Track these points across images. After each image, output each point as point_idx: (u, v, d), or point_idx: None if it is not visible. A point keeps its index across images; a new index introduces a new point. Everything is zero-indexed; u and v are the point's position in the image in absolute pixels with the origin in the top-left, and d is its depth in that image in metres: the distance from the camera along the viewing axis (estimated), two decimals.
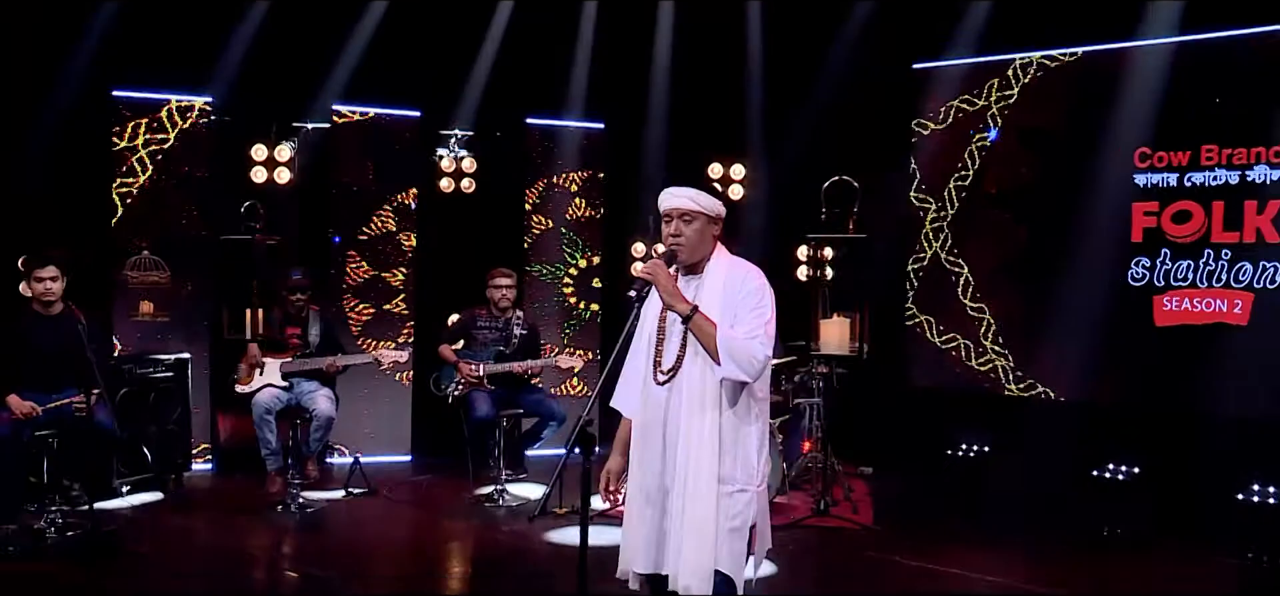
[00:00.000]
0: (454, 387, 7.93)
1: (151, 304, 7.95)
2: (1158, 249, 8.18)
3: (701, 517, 3.84)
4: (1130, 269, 8.29)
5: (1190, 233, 8.06)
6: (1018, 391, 8.89)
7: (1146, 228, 8.25)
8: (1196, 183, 8.03)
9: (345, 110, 9.11)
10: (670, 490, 3.92)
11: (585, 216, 9.92)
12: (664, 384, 3.97)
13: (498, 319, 8.07)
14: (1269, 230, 7.70)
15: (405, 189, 9.32)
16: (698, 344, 3.89)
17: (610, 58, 9.76)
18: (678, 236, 3.97)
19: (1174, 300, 8.10)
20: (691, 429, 3.88)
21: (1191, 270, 8.03)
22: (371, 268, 9.22)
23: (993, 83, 9.01)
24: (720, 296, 3.94)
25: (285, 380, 7.70)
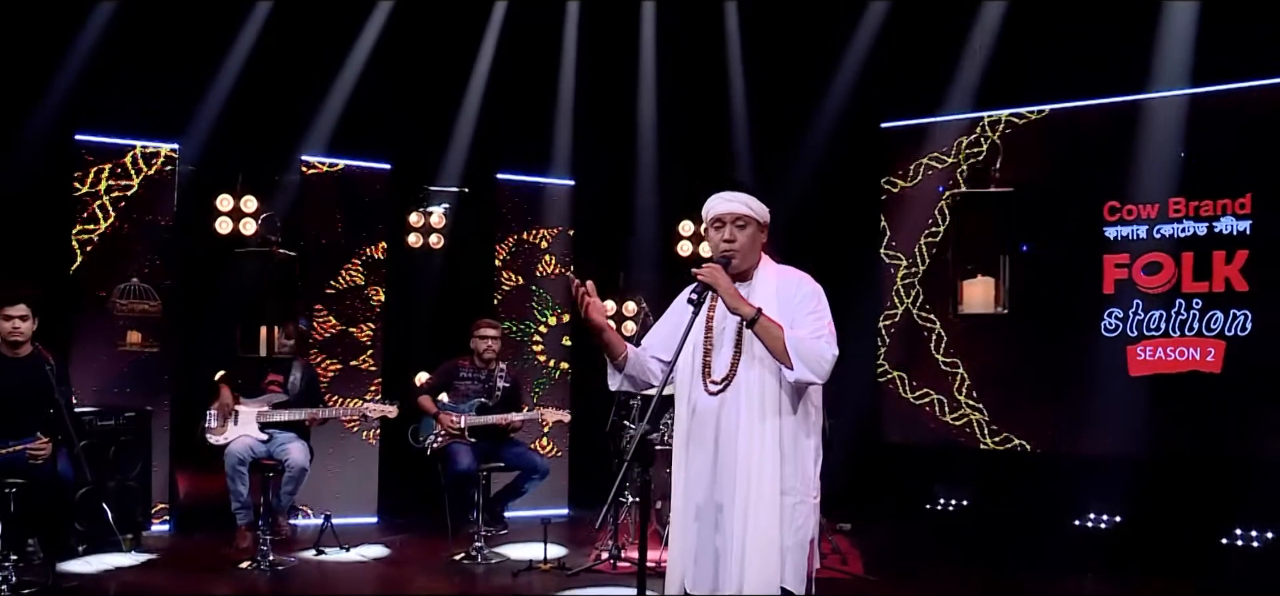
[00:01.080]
0: (433, 439, 7.69)
1: (140, 334, 7.59)
2: (1130, 300, 8.35)
3: (764, 531, 3.69)
4: (1103, 320, 8.44)
5: (1161, 283, 8.24)
6: (993, 445, 8.92)
7: (1118, 279, 8.42)
8: (1166, 234, 8.24)
9: (315, 161, 8.91)
10: (724, 504, 3.78)
11: (555, 273, 9.80)
12: (716, 393, 3.85)
13: (480, 370, 7.88)
14: (1237, 280, 7.90)
15: (374, 243, 9.12)
16: (757, 349, 3.79)
17: (582, 115, 9.73)
18: (732, 241, 3.89)
19: (1148, 349, 8.25)
20: (752, 438, 3.75)
21: (1164, 320, 8.19)
22: (339, 322, 8.97)
23: (962, 141, 9.18)
24: (774, 302, 3.85)
25: (263, 430, 7.40)
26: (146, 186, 8.32)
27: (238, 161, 8.65)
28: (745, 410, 3.77)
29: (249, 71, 8.58)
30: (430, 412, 7.74)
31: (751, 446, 3.74)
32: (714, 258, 3.94)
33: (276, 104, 8.72)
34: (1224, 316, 7.94)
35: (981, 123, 9.10)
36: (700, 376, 3.90)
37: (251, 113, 8.63)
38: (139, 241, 8.25)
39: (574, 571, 7.21)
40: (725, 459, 3.78)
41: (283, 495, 7.38)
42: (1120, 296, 8.39)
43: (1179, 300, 8.13)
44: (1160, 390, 8.15)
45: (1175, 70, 8.08)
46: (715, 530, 3.79)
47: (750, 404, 3.77)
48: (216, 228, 8.55)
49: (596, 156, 9.87)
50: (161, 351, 8.14)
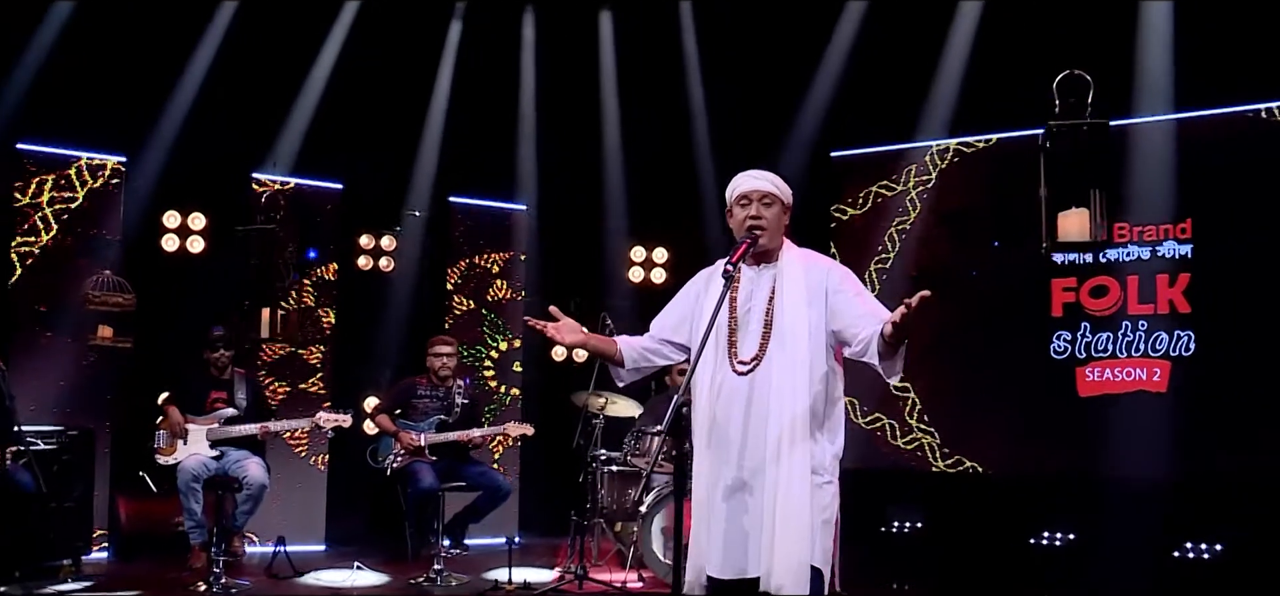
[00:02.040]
0: (392, 459, 7.51)
1: (111, 329, 7.26)
2: (1078, 323, 8.55)
3: (796, 511, 3.66)
4: (1052, 343, 8.62)
5: (1108, 306, 8.46)
6: (945, 468, 9.04)
7: (1066, 302, 8.63)
8: (1111, 259, 8.47)
9: (265, 179, 8.72)
10: (754, 485, 3.74)
11: (507, 298, 9.71)
12: (745, 373, 3.83)
13: (438, 388, 7.73)
14: (1181, 302, 8.16)
15: (325, 263, 8.93)
16: (786, 330, 3.78)
17: (536, 140, 9.71)
18: (759, 219, 3.88)
19: (1096, 371, 8.45)
20: (782, 418, 3.72)
21: (1111, 342, 8.41)
22: (287, 344, 8.74)
23: (911, 168, 9.37)
24: (803, 284, 3.85)
25: (214, 448, 7.14)
26: (92, 199, 8.05)
27: (186, 177, 8.42)
28: (776, 390, 3.74)
29: (202, 87, 8.39)
30: (389, 431, 7.56)
31: (782, 426, 3.72)
32: (740, 234, 3.93)
33: (229, 120, 8.52)
34: (1168, 337, 8.18)
35: (930, 152, 9.30)
36: (726, 356, 3.87)
37: (203, 128, 8.42)
38: (83, 256, 7.96)
39: (540, 591, 7.08)
40: (754, 439, 3.74)
41: (239, 515, 7.13)
42: (1068, 319, 8.59)
43: (1125, 322, 8.36)
44: (1108, 410, 8.34)
45: (1117, 103, 8.35)
46: (744, 511, 3.75)
47: (781, 384, 3.74)
48: (163, 244, 8.30)
49: (549, 181, 9.85)
50: (134, 348, 7.80)
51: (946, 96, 9.00)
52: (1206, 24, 7.79)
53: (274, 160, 7.67)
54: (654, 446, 7.68)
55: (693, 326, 4.05)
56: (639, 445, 7.83)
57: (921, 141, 9.31)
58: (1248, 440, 7.69)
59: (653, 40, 9.53)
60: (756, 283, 3.91)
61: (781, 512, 3.67)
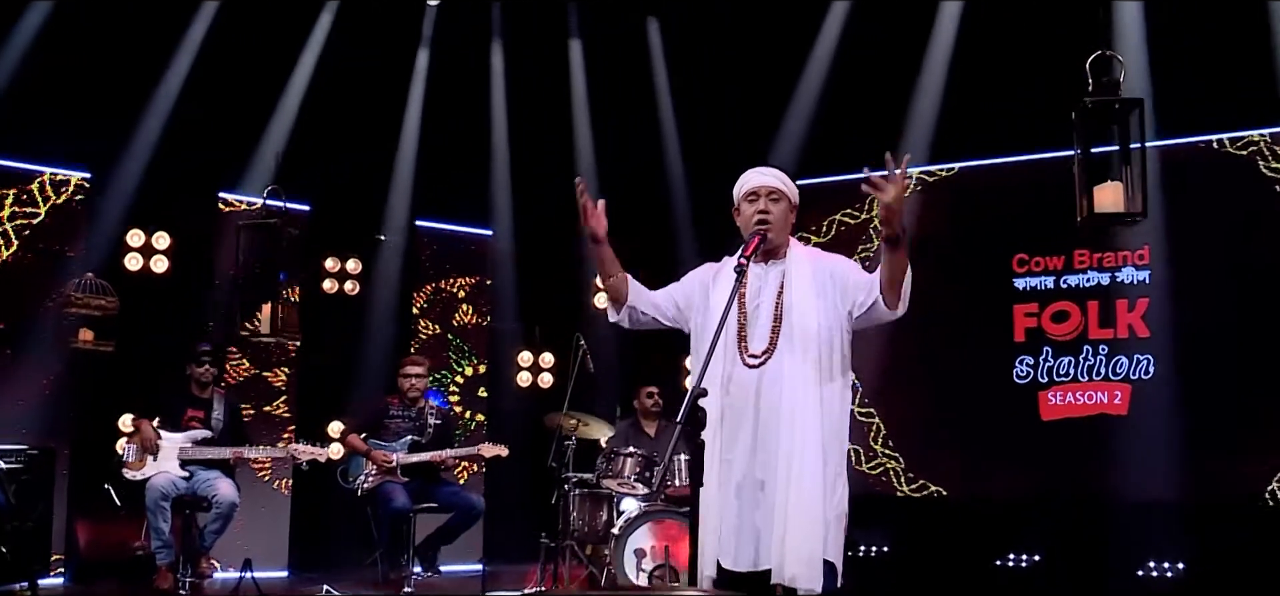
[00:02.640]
0: (364, 478, 7.41)
1: (92, 332, 7.07)
2: (1040, 347, 8.71)
3: (809, 504, 3.68)
4: (1015, 367, 8.77)
5: (1069, 331, 8.64)
6: (910, 492, 9.12)
7: (1028, 327, 8.79)
8: (1072, 284, 8.66)
9: (232, 199, 8.62)
10: (767, 479, 3.75)
11: (472, 323, 9.66)
12: (756, 367, 3.85)
13: (409, 408, 7.65)
14: (1140, 326, 8.37)
15: (291, 286, 8.81)
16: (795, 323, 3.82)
17: (507, 166, 9.71)
18: (766, 214, 3.93)
19: (1058, 395, 8.60)
20: (794, 411, 3.75)
21: (1072, 366, 8.58)
22: (252, 366, 8.61)
23: (872, 198, 9.49)
24: (810, 280, 3.90)
25: (184, 468, 7.00)
26: (54, 215, 7.89)
27: (151, 195, 8.29)
28: (787, 383, 3.77)
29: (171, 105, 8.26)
30: (360, 451, 7.47)
31: (794, 419, 3.74)
32: (748, 230, 3.98)
33: (197, 139, 8.40)
34: (1129, 361, 8.37)
35: None
36: (736, 349, 3.90)
37: (171, 147, 8.29)
38: (43, 273, 7.79)
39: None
40: (767, 432, 3.77)
41: (207, 533, 6.98)
42: (1030, 344, 8.75)
43: (1086, 346, 8.54)
44: (1071, 433, 8.49)
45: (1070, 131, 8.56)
46: (755, 506, 3.76)
47: (793, 377, 3.78)
48: (126, 263, 8.15)
49: (517, 207, 9.84)
50: (117, 351, 7.63)
51: (913, 125, 9.13)
52: (1165, 63, 8.02)
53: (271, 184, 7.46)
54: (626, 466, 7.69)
55: (695, 312, 4.09)
56: (611, 466, 7.81)
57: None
58: (1206, 460, 7.87)
59: (622, 68, 9.58)
60: (764, 278, 3.96)
61: (794, 506, 3.69)
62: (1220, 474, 7.83)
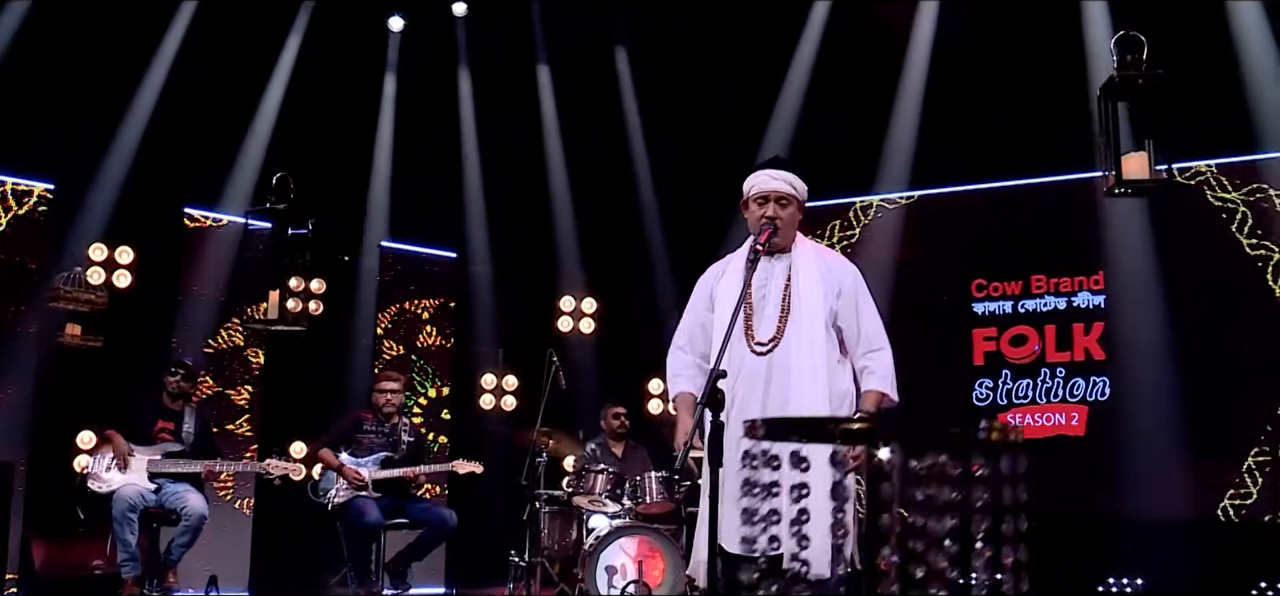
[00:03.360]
0: (335, 493, 7.33)
1: (79, 327, 6.89)
2: (999, 371, 8.92)
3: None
4: (974, 390, 8.97)
5: (1027, 354, 8.86)
6: None
7: (987, 351, 9.00)
8: (1029, 309, 8.89)
9: (198, 215, 8.53)
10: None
11: (436, 345, 9.63)
12: (763, 354, 3.94)
13: (383, 423, 7.60)
14: (1095, 349, 8.61)
15: (256, 303, 8.73)
16: (804, 313, 3.93)
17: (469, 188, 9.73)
18: (774, 220, 4.04)
19: (1017, 417, 8.80)
20: (803, 396, 3.85)
21: (1031, 388, 8.79)
22: (216, 383, 8.50)
23: (835, 223, 9.69)
24: (817, 276, 4.02)
25: (152, 481, 6.87)
26: (16, 226, 7.75)
27: (116, 208, 8.17)
28: (795, 370, 3.88)
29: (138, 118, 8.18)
30: (332, 466, 7.39)
31: (802, 404, 3.84)
32: (755, 229, 4.07)
33: (161, 150, 8.31)
34: (1085, 383, 8.60)
35: (853, 207, 9.65)
36: (742, 338, 3.98)
37: (137, 160, 8.19)
38: (4, 285, 7.63)
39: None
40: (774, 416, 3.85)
41: (175, 547, 6.85)
42: (989, 367, 8.95)
43: (1044, 369, 8.76)
44: (1030, 454, 8.66)
45: (1033, 160, 8.84)
46: None
47: (800, 364, 3.88)
48: (89, 277, 8.00)
49: (481, 230, 9.85)
50: (105, 347, 7.47)
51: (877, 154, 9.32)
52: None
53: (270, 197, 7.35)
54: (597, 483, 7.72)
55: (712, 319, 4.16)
56: (582, 484, 7.83)
57: (846, 197, 9.65)
58: (1162, 478, 8.09)
59: (592, 93, 9.69)
60: (771, 271, 4.05)
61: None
62: (1176, 491, 8.06)
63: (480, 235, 9.80)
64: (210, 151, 8.57)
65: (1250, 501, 7.93)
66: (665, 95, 9.62)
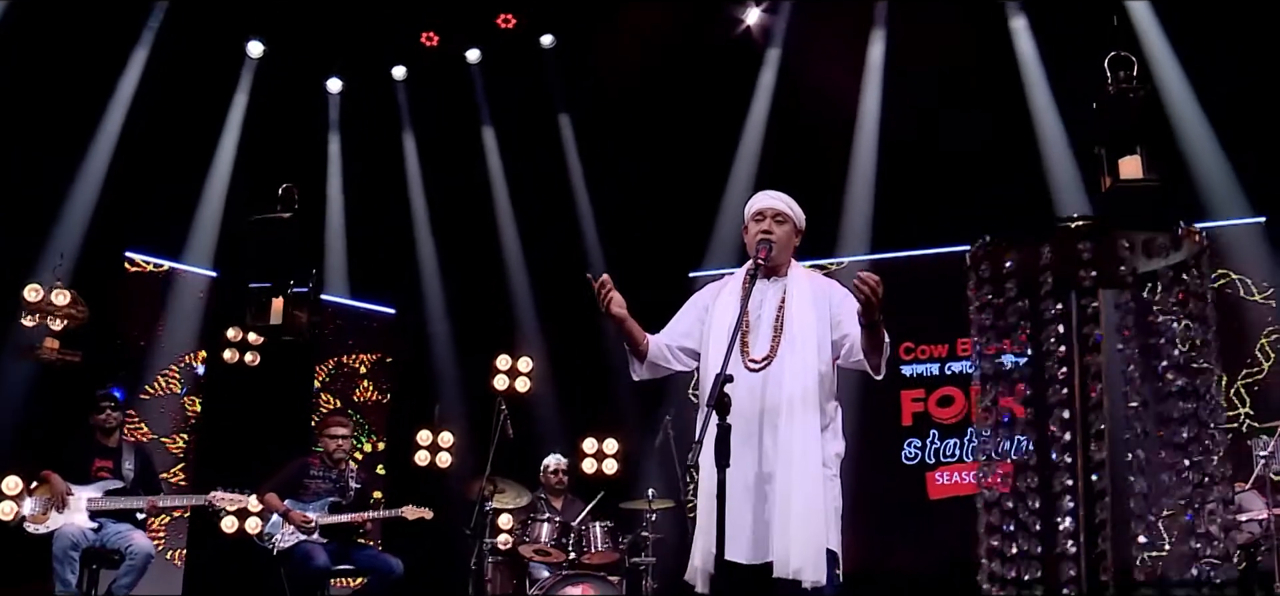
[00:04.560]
0: (280, 538, 7.23)
1: (58, 342, 6.65)
2: (927, 430, 9.25)
3: (810, 500, 3.91)
4: (903, 449, 9.27)
5: (954, 415, 9.21)
6: None
7: (915, 412, 9.33)
8: (956, 371, 9.27)
9: (139, 260, 8.43)
10: (769, 475, 3.98)
11: (372, 400, 9.59)
12: (757, 371, 4.10)
13: (331, 469, 7.54)
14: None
15: (194, 351, 8.63)
16: (796, 333, 4.10)
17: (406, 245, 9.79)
18: (770, 233, 4.21)
19: (945, 475, 9.12)
20: (795, 414, 3.99)
21: (958, 447, 9.13)
22: (151, 430, 8.32)
23: None
24: (809, 298, 4.17)
25: (93, 520, 6.70)
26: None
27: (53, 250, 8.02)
28: (788, 388, 4.01)
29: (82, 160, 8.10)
30: (278, 510, 7.29)
31: (794, 418, 3.98)
32: (753, 247, 4.25)
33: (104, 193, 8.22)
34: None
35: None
36: (738, 355, 4.13)
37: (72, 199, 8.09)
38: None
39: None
40: (769, 433, 3.99)
41: (118, 588, 6.65)
42: (917, 427, 9.28)
43: (970, 429, 9.11)
44: (957, 510, 8.98)
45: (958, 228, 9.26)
46: (763, 500, 3.96)
47: (793, 383, 4.01)
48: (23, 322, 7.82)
49: (417, 287, 9.90)
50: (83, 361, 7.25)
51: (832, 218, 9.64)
52: None
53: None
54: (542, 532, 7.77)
55: (702, 334, 4.31)
56: (527, 532, 7.88)
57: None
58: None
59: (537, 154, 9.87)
60: (766, 292, 4.21)
61: (798, 502, 3.90)
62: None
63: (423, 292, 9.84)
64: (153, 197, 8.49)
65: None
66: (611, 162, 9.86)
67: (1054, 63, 8.74)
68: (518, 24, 9.70)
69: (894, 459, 9.26)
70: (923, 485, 9.14)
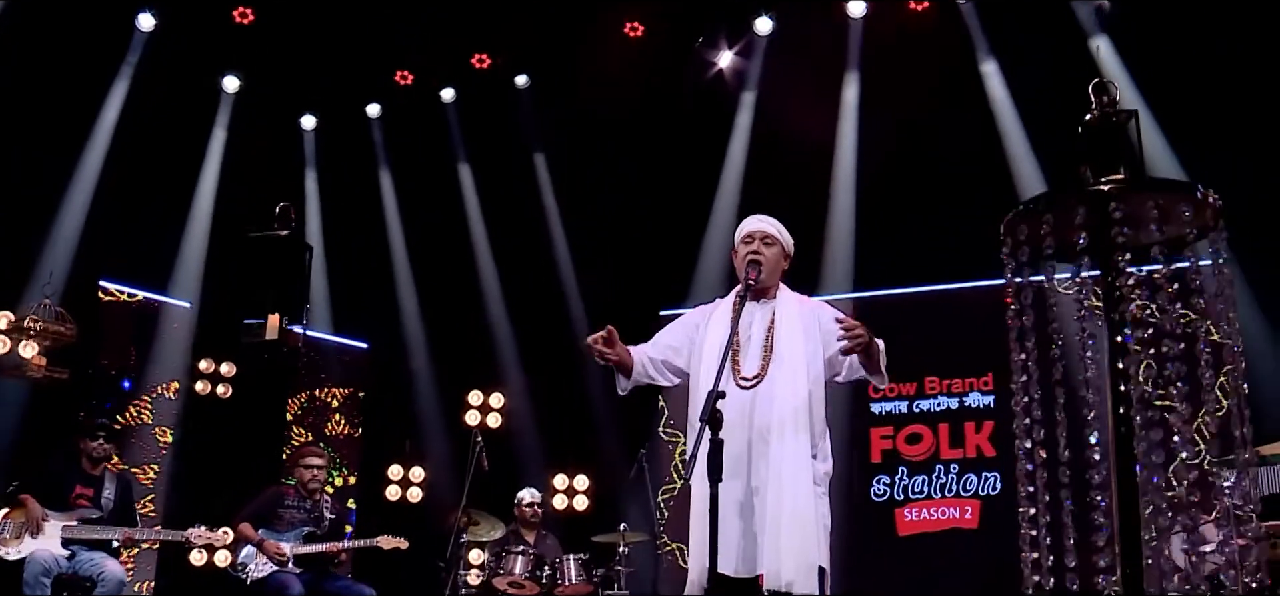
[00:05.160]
0: (254, 567, 7.20)
1: (45, 359, 6.57)
2: (895, 467, 9.37)
3: (803, 515, 4.01)
4: (872, 486, 9.38)
5: (922, 452, 9.34)
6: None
7: (884, 449, 9.44)
8: (924, 408, 9.41)
9: (113, 289, 8.40)
10: (760, 487, 4.07)
11: (344, 434, 9.58)
12: (748, 389, 4.20)
13: (306, 499, 7.53)
14: (986, 446, 9.15)
15: (167, 382, 8.59)
16: (784, 352, 4.21)
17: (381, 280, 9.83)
18: (758, 254, 4.34)
19: (913, 511, 9.23)
20: (788, 434, 4.09)
21: (926, 483, 9.25)
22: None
23: None
24: (798, 321, 4.29)
25: (66, 548, 6.63)
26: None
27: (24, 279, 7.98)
28: (778, 406, 4.12)
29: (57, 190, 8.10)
30: (252, 540, 7.26)
31: (784, 435, 4.08)
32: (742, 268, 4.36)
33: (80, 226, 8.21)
34: (977, 478, 9.11)
35: None
36: (728, 373, 4.23)
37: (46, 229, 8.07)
38: None
39: None
40: (760, 449, 4.09)
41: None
42: (886, 464, 9.39)
43: (938, 466, 9.24)
44: (926, 546, 9.10)
45: (925, 269, 9.45)
46: (753, 514, 4.05)
47: (783, 401, 4.12)
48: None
49: (392, 321, 9.92)
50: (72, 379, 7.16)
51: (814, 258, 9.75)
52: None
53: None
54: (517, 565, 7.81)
55: (690, 353, 4.41)
56: (502, 565, 7.90)
57: None
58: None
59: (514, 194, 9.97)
60: (755, 314, 4.33)
61: (789, 517, 4.00)
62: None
63: (401, 327, 9.87)
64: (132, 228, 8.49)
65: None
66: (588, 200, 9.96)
67: (1024, 103, 8.95)
68: (493, 64, 9.84)
69: (863, 495, 9.35)
70: (892, 522, 9.24)
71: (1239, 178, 7.71)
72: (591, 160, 9.83)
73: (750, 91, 9.72)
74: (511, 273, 10.10)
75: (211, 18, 8.94)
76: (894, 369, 9.26)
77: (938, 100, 8.94)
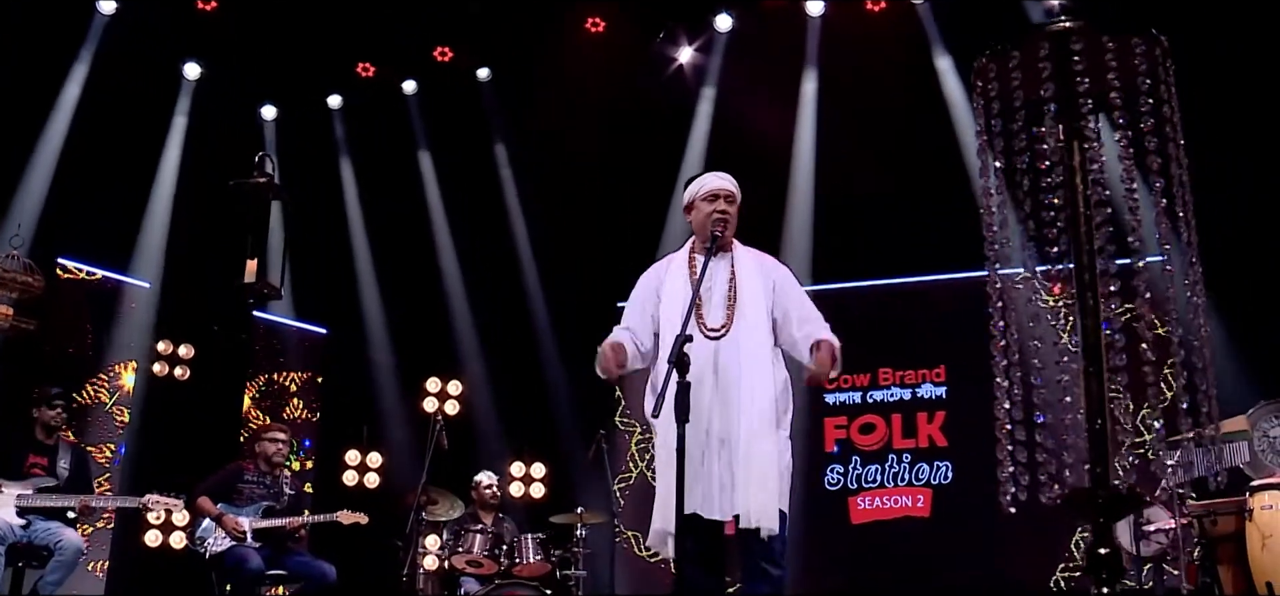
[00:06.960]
0: (212, 542, 7.18)
1: (12, 309, 6.47)
2: (849, 457, 9.53)
3: (767, 461, 4.15)
4: (826, 475, 9.53)
5: (875, 442, 9.51)
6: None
7: (838, 439, 9.61)
8: (877, 399, 9.59)
9: (71, 266, 8.36)
10: (728, 438, 4.19)
11: (303, 418, 9.57)
12: (714, 339, 4.32)
13: (266, 474, 7.53)
14: (938, 436, 9.34)
15: (124, 361, 8.55)
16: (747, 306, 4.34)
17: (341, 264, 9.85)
18: (724, 215, 4.48)
19: (867, 499, 9.40)
20: (754, 381, 4.23)
21: (879, 473, 9.42)
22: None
23: None
24: (756, 273, 4.45)
25: (21, 516, 6.59)
26: None
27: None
28: (744, 356, 4.26)
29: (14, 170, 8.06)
30: (210, 514, 7.24)
31: (753, 387, 4.22)
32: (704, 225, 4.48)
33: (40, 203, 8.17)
34: (929, 468, 9.29)
35: None
36: (694, 324, 4.35)
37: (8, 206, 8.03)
38: None
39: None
40: (727, 396, 4.21)
41: (46, 583, 6.53)
42: (841, 454, 9.56)
43: (891, 455, 9.42)
44: (879, 534, 9.26)
45: (880, 263, 9.65)
46: (717, 459, 4.18)
47: (750, 351, 4.27)
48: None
49: (353, 307, 9.94)
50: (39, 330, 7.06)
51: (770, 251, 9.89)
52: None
53: None
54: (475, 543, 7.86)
55: (657, 308, 4.53)
56: (460, 543, 7.95)
57: None
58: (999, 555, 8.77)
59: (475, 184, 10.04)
60: (715, 267, 4.46)
61: (756, 463, 4.13)
62: (1012, 566, 8.73)
63: (361, 313, 9.89)
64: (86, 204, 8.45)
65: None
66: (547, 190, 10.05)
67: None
68: (455, 58, 9.91)
69: (817, 485, 9.50)
70: (846, 510, 9.40)
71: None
72: (552, 152, 9.92)
73: (710, 87, 9.87)
74: (471, 261, 10.16)
75: (174, 3, 8.96)
76: (849, 360, 9.51)
77: (894, 97, 9.13)
